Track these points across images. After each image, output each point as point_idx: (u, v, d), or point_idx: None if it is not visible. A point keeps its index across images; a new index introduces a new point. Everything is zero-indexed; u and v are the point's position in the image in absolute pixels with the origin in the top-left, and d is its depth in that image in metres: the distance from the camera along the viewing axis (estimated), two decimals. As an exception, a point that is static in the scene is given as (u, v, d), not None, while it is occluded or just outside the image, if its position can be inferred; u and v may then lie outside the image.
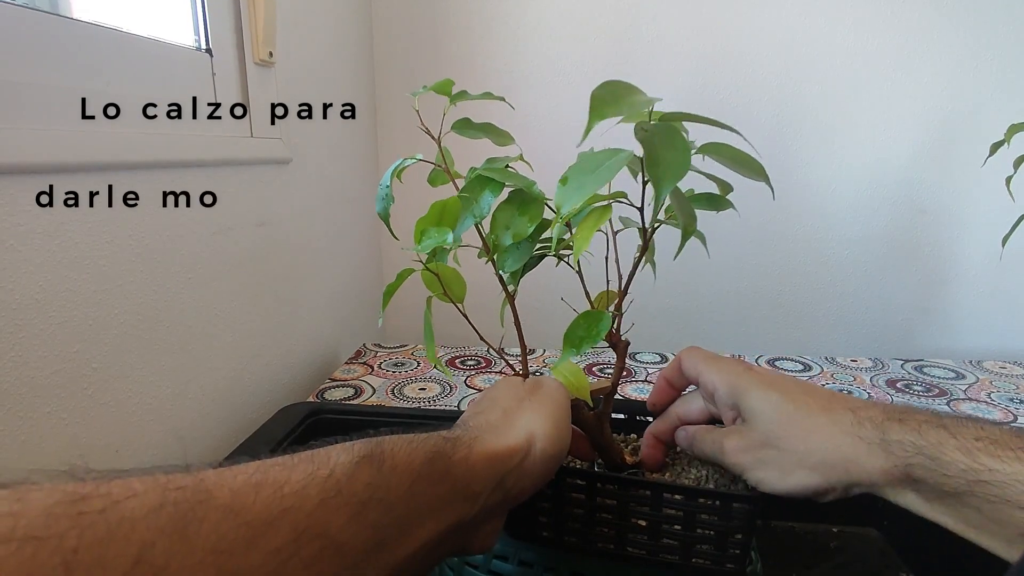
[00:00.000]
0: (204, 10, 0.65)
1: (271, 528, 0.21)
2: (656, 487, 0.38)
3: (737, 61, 1.01)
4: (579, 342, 0.37)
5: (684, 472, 0.43)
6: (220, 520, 0.20)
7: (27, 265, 0.45)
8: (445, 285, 0.40)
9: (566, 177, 0.32)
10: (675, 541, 0.38)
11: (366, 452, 0.26)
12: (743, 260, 1.11)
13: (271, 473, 0.23)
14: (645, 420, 0.48)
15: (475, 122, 0.42)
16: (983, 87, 0.99)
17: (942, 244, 1.07)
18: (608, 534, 0.39)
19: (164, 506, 0.19)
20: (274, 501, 0.22)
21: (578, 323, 0.38)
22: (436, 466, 0.29)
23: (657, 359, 0.97)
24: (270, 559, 0.21)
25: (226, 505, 0.21)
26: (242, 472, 0.23)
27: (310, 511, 0.23)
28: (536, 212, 0.38)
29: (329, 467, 0.25)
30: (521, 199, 0.39)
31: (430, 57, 1.08)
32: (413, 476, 0.27)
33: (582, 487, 0.39)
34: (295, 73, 0.81)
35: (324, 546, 0.23)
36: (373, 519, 0.25)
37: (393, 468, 0.27)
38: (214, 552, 0.20)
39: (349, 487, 0.24)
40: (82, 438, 0.50)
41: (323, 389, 0.83)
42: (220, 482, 0.22)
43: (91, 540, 0.17)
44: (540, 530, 0.41)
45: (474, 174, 0.39)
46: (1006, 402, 0.80)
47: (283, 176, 0.80)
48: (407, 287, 0.39)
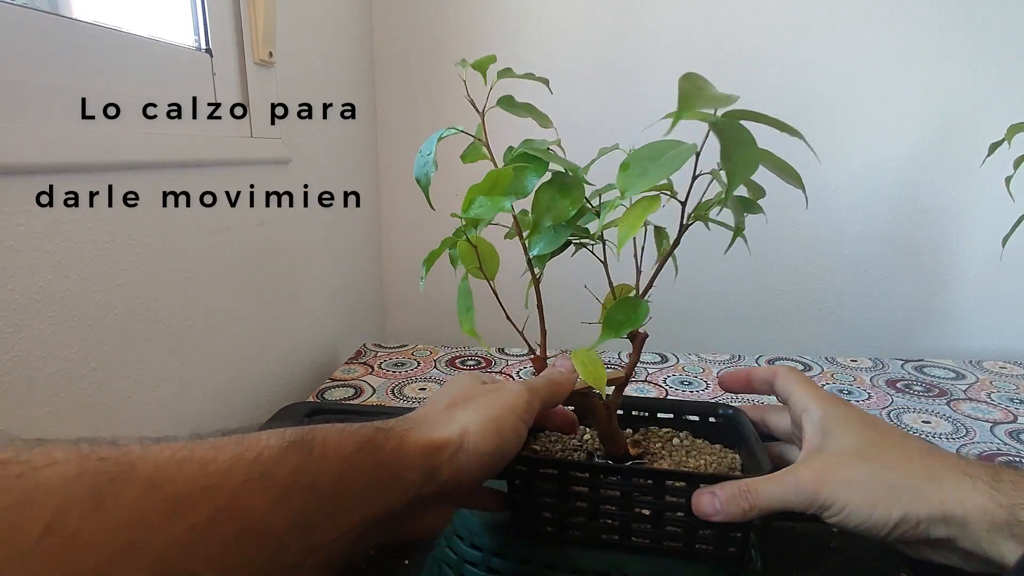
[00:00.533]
0: (204, 10, 0.65)
1: (190, 504, 0.21)
2: (659, 475, 0.38)
3: (737, 61, 1.01)
4: (618, 326, 0.38)
5: (683, 462, 0.43)
6: (139, 493, 0.20)
7: (27, 265, 0.45)
8: (481, 259, 0.39)
9: (627, 163, 0.32)
10: (678, 528, 0.39)
11: (296, 438, 0.27)
12: (743, 260, 1.10)
13: (198, 451, 0.23)
14: (640, 415, 0.49)
15: (517, 101, 0.42)
16: (983, 87, 0.99)
17: (942, 244, 1.07)
18: (612, 525, 0.40)
19: (82, 476, 0.20)
20: (197, 478, 0.22)
21: (617, 308, 0.38)
22: (366, 455, 0.29)
23: (657, 359, 0.97)
24: (186, 534, 0.21)
25: (147, 478, 0.21)
26: (169, 448, 0.23)
27: (232, 491, 0.23)
28: (578, 196, 0.38)
29: (257, 450, 0.25)
30: (562, 182, 0.39)
31: (430, 57, 1.08)
32: (343, 464, 0.28)
33: (585, 479, 0.39)
34: (295, 73, 0.81)
35: (244, 526, 0.23)
36: (298, 503, 0.25)
37: (323, 455, 0.27)
38: (129, 524, 0.20)
39: (275, 470, 0.25)
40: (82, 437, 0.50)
41: (323, 389, 0.83)
42: (144, 456, 0.22)
43: (5, 504, 0.18)
44: (544, 525, 0.41)
45: (517, 151, 0.39)
46: (1006, 402, 0.80)
47: (283, 176, 0.80)
48: (406, 287, 0.39)
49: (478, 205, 0.36)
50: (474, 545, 0.42)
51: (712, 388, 0.85)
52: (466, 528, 0.42)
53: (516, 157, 0.38)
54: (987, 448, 0.68)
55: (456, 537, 0.43)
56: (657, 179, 0.31)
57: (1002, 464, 0.32)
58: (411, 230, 1.16)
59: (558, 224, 0.38)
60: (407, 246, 1.17)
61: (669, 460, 0.44)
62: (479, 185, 0.36)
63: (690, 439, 0.47)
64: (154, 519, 0.20)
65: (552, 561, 0.40)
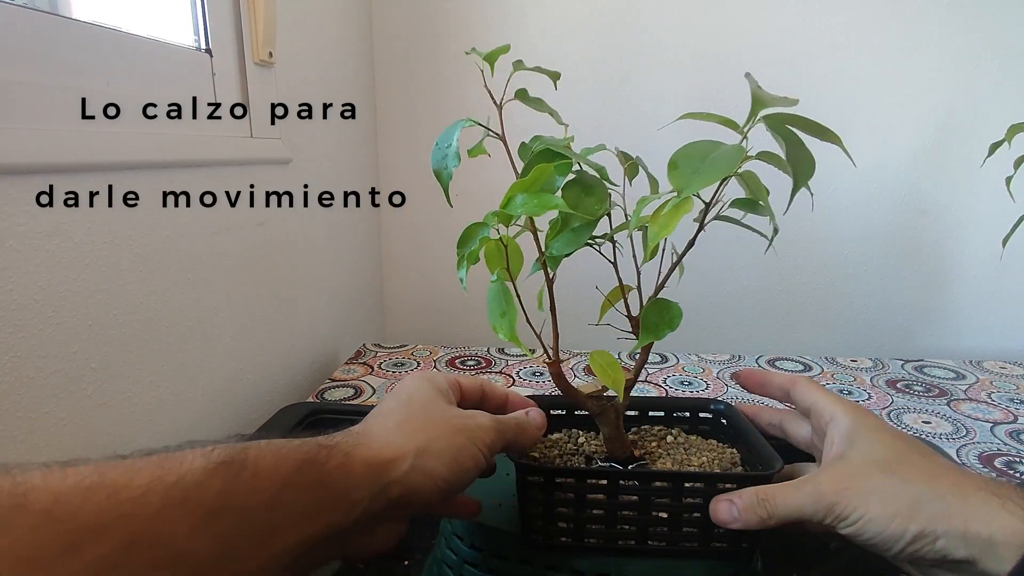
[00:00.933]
0: (204, 10, 0.65)
1: (95, 536, 0.20)
2: (676, 477, 0.39)
3: (737, 62, 1.01)
4: (655, 328, 0.38)
5: (686, 461, 0.43)
6: (36, 527, 0.19)
7: (27, 265, 0.45)
8: (510, 259, 0.39)
9: (675, 162, 0.32)
10: (694, 528, 0.39)
11: (225, 458, 0.25)
12: (743, 260, 1.11)
13: (110, 475, 0.22)
14: (630, 414, 0.49)
15: (530, 96, 0.42)
16: (983, 87, 0.99)
17: (942, 244, 1.07)
18: (630, 530, 0.39)
19: None
20: (106, 507, 0.21)
21: (650, 311, 0.38)
22: (306, 473, 0.28)
23: (657, 359, 0.97)
24: (90, 568, 0.20)
25: (44, 511, 0.20)
26: (74, 474, 0.21)
27: (148, 517, 0.22)
28: (602, 195, 0.38)
29: (179, 473, 0.23)
30: (586, 181, 0.38)
31: (430, 57, 1.08)
32: (279, 484, 0.26)
33: (602, 487, 0.39)
34: (295, 73, 0.81)
35: (160, 556, 0.22)
36: (222, 529, 0.24)
37: (255, 475, 0.26)
38: (22, 561, 0.18)
39: (198, 494, 0.23)
40: (81, 438, 0.50)
41: (323, 389, 0.83)
42: (44, 485, 0.20)
43: None
44: (559, 536, 0.40)
45: (538, 148, 0.38)
46: (1006, 402, 0.80)
47: (283, 176, 0.80)
48: (406, 286, 0.39)
49: (521, 202, 0.34)
50: (474, 545, 0.42)
51: (712, 389, 0.85)
52: (466, 528, 0.42)
53: (541, 154, 0.38)
54: (987, 448, 0.68)
55: (456, 537, 0.43)
56: (712, 178, 0.31)
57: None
58: (411, 230, 1.16)
59: (581, 224, 0.38)
60: (407, 246, 1.17)
61: (670, 459, 0.44)
62: (522, 182, 0.34)
63: (683, 436, 0.47)
64: (51, 555, 0.19)
65: (552, 562, 0.40)
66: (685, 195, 0.31)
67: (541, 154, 0.38)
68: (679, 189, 0.31)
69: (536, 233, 0.39)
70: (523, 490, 0.40)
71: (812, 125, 0.34)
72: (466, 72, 1.07)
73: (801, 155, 0.32)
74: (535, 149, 0.38)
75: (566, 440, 0.47)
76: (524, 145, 0.39)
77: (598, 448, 0.45)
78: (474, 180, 0.82)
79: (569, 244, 0.38)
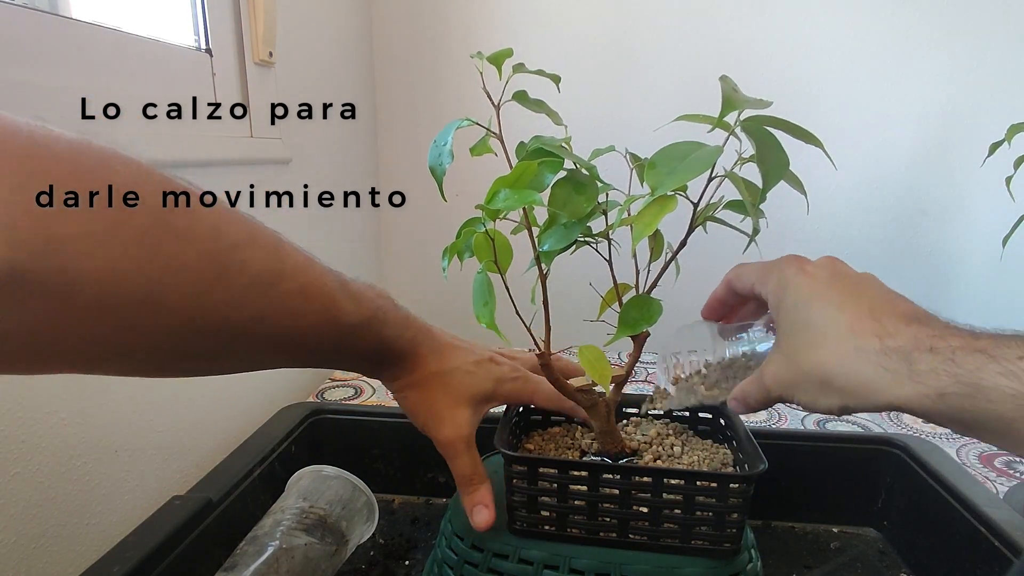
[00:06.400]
0: (204, 10, 0.65)
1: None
2: (657, 473, 0.39)
3: (736, 62, 1.01)
4: (634, 323, 0.39)
5: (676, 459, 0.44)
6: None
7: (27, 265, 0.45)
8: (498, 252, 0.39)
9: (653, 162, 0.33)
10: (675, 525, 0.39)
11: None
12: (742, 260, 1.10)
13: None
14: (632, 414, 0.50)
15: (531, 97, 0.42)
16: (983, 87, 0.99)
17: (942, 244, 1.07)
18: (610, 523, 0.40)
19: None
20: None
21: (631, 306, 0.39)
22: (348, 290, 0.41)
23: (656, 358, 0.97)
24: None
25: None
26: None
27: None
28: (592, 193, 0.38)
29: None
30: (577, 180, 0.39)
31: (430, 57, 1.08)
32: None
33: (584, 478, 0.39)
34: (295, 73, 0.81)
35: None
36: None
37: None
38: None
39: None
40: (82, 438, 0.50)
41: (323, 389, 0.83)
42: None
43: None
44: (542, 524, 0.41)
45: (532, 146, 0.39)
46: (1006, 402, 0.80)
47: (283, 176, 0.80)
48: (406, 287, 0.39)
49: (504, 198, 0.35)
50: (474, 545, 0.42)
51: (712, 388, 0.85)
52: (466, 528, 0.42)
53: (532, 152, 0.38)
54: (987, 448, 0.68)
55: (456, 537, 0.43)
56: (686, 178, 0.32)
57: (923, 341, 0.32)
58: (411, 230, 1.16)
59: (571, 221, 0.38)
60: (407, 246, 1.17)
61: (664, 456, 0.44)
62: (505, 178, 0.35)
63: (679, 434, 0.48)
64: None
65: (552, 562, 0.40)
66: (658, 194, 0.32)
67: (533, 152, 0.39)
68: (653, 188, 0.32)
69: (531, 230, 0.40)
70: (508, 479, 0.40)
71: (791, 127, 0.34)
72: (466, 72, 1.07)
73: (771, 155, 0.32)
74: (528, 147, 0.39)
75: (564, 434, 0.48)
76: (522, 145, 0.40)
77: (593, 442, 0.46)
78: (474, 181, 0.82)
79: (560, 240, 0.39)
